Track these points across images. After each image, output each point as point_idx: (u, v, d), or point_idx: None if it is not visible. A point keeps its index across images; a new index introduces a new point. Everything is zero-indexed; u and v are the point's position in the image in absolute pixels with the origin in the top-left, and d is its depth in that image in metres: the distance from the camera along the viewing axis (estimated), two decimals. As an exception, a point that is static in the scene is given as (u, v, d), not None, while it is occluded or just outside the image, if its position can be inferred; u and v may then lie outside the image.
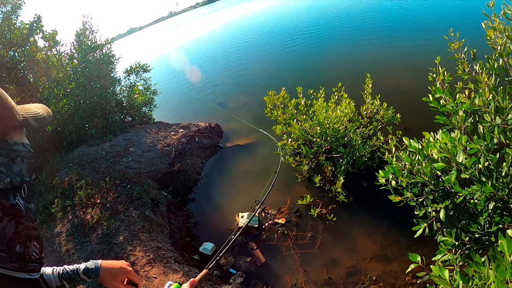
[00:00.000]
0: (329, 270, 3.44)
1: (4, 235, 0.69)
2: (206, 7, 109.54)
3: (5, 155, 0.70)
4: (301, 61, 10.74)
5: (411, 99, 5.58)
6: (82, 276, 1.12)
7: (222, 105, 9.12)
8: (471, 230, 1.97)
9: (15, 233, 0.71)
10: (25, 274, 0.75)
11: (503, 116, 1.90)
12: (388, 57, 8.52)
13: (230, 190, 5.35)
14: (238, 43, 17.06)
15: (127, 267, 1.16)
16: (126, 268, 1.16)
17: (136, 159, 5.91)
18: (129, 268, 1.17)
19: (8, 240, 0.70)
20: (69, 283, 1.11)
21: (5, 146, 0.70)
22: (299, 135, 4.72)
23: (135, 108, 8.05)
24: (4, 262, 0.69)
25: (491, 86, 2.03)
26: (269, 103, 5.04)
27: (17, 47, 6.69)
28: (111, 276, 1.13)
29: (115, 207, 4.58)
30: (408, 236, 3.39)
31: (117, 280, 1.13)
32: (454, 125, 2.10)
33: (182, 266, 3.55)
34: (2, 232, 0.68)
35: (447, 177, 1.81)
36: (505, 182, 1.84)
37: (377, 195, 3.69)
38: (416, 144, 2.09)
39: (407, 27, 10.92)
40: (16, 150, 0.72)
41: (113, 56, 7.84)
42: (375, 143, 4.34)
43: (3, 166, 0.69)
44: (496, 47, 2.08)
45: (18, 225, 0.72)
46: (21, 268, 0.73)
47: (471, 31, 4.16)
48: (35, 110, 0.82)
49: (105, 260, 1.17)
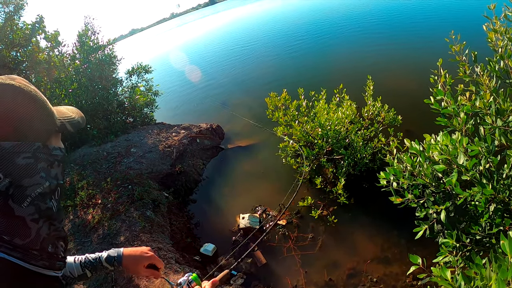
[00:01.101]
0: (329, 272, 3.44)
1: (39, 236, 0.73)
2: (207, 8, 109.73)
3: (45, 160, 0.73)
4: (303, 63, 10.74)
5: (412, 101, 5.58)
6: (105, 264, 1.14)
7: (224, 105, 9.14)
8: (472, 232, 1.97)
9: (48, 234, 0.75)
10: (53, 272, 0.78)
11: (504, 118, 1.90)
12: (390, 59, 8.53)
13: (231, 191, 5.35)
14: (239, 45, 17.10)
15: (148, 252, 1.20)
16: (147, 253, 1.19)
17: (138, 160, 5.92)
18: (150, 253, 1.20)
19: (42, 241, 0.74)
20: (91, 271, 1.13)
21: (46, 151, 0.73)
22: (300, 137, 4.72)
23: (137, 109, 8.06)
24: (36, 260, 0.73)
25: (492, 88, 2.03)
26: (270, 104, 5.04)
27: (19, 47, 6.72)
28: (134, 263, 1.16)
29: (116, 207, 4.59)
30: (409, 238, 3.39)
31: (140, 266, 1.16)
32: (455, 127, 2.10)
33: (183, 267, 3.56)
34: (37, 233, 0.72)
35: (448, 179, 1.82)
36: (506, 184, 1.84)
37: (378, 197, 3.68)
38: (417, 146, 2.09)
39: (408, 29, 10.91)
40: (55, 155, 0.76)
41: (115, 57, 7.86)
42: (377, 145, 4.34)
43: (44, 171, 0.72)
44: (497, 49, 2.09)
45: (51, 227, 0.76)
46: (50, 266, 0.76)
47: (472, 34, 4.16)
48: (70, 114, 0.85)
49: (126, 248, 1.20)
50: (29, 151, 0.69)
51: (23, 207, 0.68)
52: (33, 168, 0.70)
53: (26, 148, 0.68)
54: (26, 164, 0.68)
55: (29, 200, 0.69)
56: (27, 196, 0.69)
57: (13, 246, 0.69)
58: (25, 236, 0.70)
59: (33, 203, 0.70)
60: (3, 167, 0.65)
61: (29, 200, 0.69)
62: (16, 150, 0.67)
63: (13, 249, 0.69)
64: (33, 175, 0.70)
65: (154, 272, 1.21)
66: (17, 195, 0.67)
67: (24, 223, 0.69)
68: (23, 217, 0.69)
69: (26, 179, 0.68)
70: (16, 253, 0.69)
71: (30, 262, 0.71)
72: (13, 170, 0.66)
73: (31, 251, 0.71)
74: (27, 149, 0.68)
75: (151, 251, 1.21)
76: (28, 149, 0.69)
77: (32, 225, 0.71)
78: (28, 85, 0.74)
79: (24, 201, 0.68)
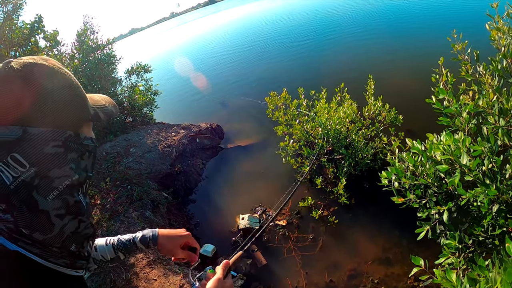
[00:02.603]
0: (330, 273, 3.41)
1: (62, 234, 0.67)
2: (207, 8, 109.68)
3: (76, 151, 0.68)
4: (302, 63, 10.72)
5: (413, 101, 5.55)
6: (139, 245, 1.11)
7: (223, 104, 9.12)
8: (475, 233, 1.95)
9: (74, 232, 0.69)
10: (73, 271, 0.72)
11: (507, 118, 1.88)
12: (391, 58, 8.50)
13: (230, 191, 5.32)
14: (238, 45, 17.07)
15: (184, 232, 1.16)
16: (183, 233, 1.15)
17: (137, 160, 5.89)
18: (186, 232, 1.16)
19: (65, 239, 0.68)
20: (124, 253, 1.09)
21: (77, 141, 0.68)
22: (300, 136, 4.69)
23: (136, 109, 8.04)
24: (55, 257, 0.68)
25: (495, 87, 2.01)
26: (270, 104, 5.02)
27: (18, 47, 6.68)
28: (170, 242, 1.12)
29: (115, 208, 4.56)
30: (410, 239, 3.37)
31: (176, 246, 1.12)
32: (458, 126, 2.08)
33: (182, 268, 3.53)
34: (61, 230, 0.66)
35: (450, 179, 1.79)
36: (510, 184, 1.81)
37: (379, 197, 3.67)
38: (419, 145, 2.07)
39: (409, 28, 10.90)
40: (86, 145, 0.70)
41: (114, 57, 7.84)
42: (378, 144, 4.31)
43: (74, 162, 0.67)
44: (500, 48, 2.07)
45: (80, 224, 0.71)
46: (71, 265, 0.71)
47: (474, 33, 4.14)
48: (103, 103, 0.79)
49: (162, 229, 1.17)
50: (60, 139, 0.64)
51: (49, 200, 0.63)
52: (62, 158, 0.64)
53: (56, 136, 0.63)
54: (55, 153, 0.63)
55: (55, 193, 0.64)
56: (54, 189, 0.63)
57: (32, 240, 0.64)
58: (46, 232, 0.64)
59: (60, 196, 0.65)
60: (29, 155, 0.60)
61: (56, 193, 0.64)
62: (45, 137, 0.61)
63: (32, 244, 0.64)
64: (62, 165, 0.64)
65: (191, 254, 1.15)
66: (43, 186, 0.62)
67: (47, 218, 0.64)
68: (47, 211, 0.63)
69: (54, 170, 0.63)
70: (34, 248, 0.64)
71: (48, 260, 0.67)
72: (40, 160, 0.61)
73: (51, 248, 0.66)
74: (58, 137, 0.63)
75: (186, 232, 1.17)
76: (59, 137, 0.64)
77: (56, 221, 0.65)
78: (62, 67, 0.69)
79: (50, 194, 0.63)
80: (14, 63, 0.61)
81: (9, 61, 0.61)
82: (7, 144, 0.58)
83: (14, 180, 0.59)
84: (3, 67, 0.60)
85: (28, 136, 0.59)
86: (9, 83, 0.59)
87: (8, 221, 0.62)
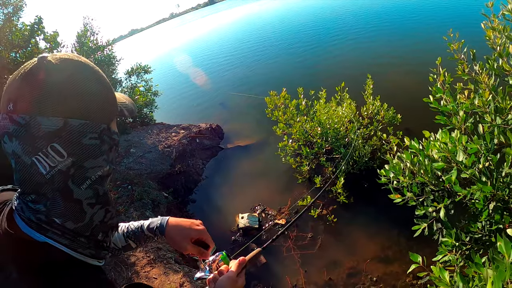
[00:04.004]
0: (329, 271, 3.43)
1: (92, 222, 0.70)
2: (207, 8, 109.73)
3: (108, 143, 0.70)
4: (302, 62, 10.73)
5: (412, 100, 5.57)
6: (147, 233, 1.03)
7: (223, 105, 9.15)
8: (472, 231, 1.97)
9: (101, 221, 0.72)
10: (96, 261, 0.74)
11: (503, 117, 1.89)
12: (389, 58, 8.52)
13: (230, 191, 5.35)
14: (238, 45, 17.09)
15: (199, 226, 1.04)
16: (198, 226, 1.04)
17: (137, 160, 5.92)
18: (201, 227, 1.04)
19: (93, 228, 0.70)
20: (134, 242, 1.05)
21: (108, 134, 0.70)
22: (299, 136, 4.71)
23: (136, 109, 8.05)
24: (83, 248, 0.69)
25: (491, 86, 2.03)
26: (270, 103, 5.04)
27: (18, 48, 6.71)
28: (179, 235, 1.01)
29: (116, 208, 4.59)
30: (409, 237, 3.38)
31: (186, 240, 1.00)
32: (455, 125, 2.09)
33: (183, 267, 3.56)
34: (91, 219, 0.69)
35: (447, 176, 1.81)
36: (506, 182, 1.83)
37: (378, 195, 3.68)
38: (416, 144, 2.09)
39: (407, 27, 10.91)
40: (114, 139, 0.73)
41: (114, 58, 7.87)
42: (376, 143, 4.33)
43: (106, 154, 0.70)
44: (496, 47, 2.08)
45: (107, 214, 0.73)
46: (96, 255, 0.73)
47: (470, 32, 4.16)
48: (123, 100, 0.82)
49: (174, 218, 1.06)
50: (96, 131, 0.66)
51: (82, 190, 0.66)
52: (98, 150, 0.67)
53: (93, 128, 0.66)
54: (92, 145, 0.66)
55: (88, 182, 0.67)
56: (87, 178, 0.66)
57: (62, 231, 0.66)
58: (78, 220, 0.67)
59: (92, 186, 0.68)
60: (68, 145, 0.62)
61: (89, 182, 0.67)
62: (84, 129, 0.64)
63: (61, 235, 0.66)
64: (97, 157, 0.67)
65: (202, 251, 1.03)
66: (78, 176, 0.65)
67: (80, 207, 0.67)
68: (80, 200, 0.66)
69: (90, 161, 0.66)
70: (63, 239, 0.66)
71: (77, 250, 0.68)
72: (78, 150, 0.64)
73: (80, 238, 0.68)
74: (95, 130, 0.66)
75: (202, 225, 1.05)
76: (96, 129, 0.66)
77: (87, 210, 0.68)
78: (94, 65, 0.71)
79: (84, 183, 0.66)
80: (51, 58, 0.63)
81: (45, 56, 0.63)
82: (49, 134, 0.60)
83: (50, 170, 0.61)
84: (41, 61, 0.62)
85: (68, 127, 0.61)
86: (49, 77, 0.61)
87: (39, 211, 0.64)
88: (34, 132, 0.59)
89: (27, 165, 0.61)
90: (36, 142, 0.60)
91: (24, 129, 0.59)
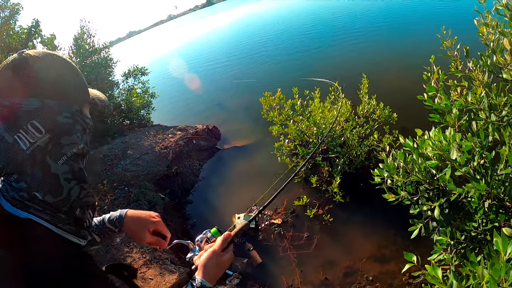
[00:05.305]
0: (325, 271, 3.41)
1: (70, 197, 0.76)
2: (205, 10, 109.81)
3: (81, 124, 0.79)
4: (298, 62, 10.73)
5: (407, 99, 5.52)
6: (108, 225, 1.10)
7: (220, 106, 9.13)
8: (467, 229, 1.95)
9: (78, 197, 0.78)
10: (77, 239, 0.79)
11: (497, 113, 1.88)
12: (384, 57, 8.52)
13: (227, 191, 5.33)
14: (236, 45, 17.09)
15: (155, 218, 1.11)
16: (154, 218, 1.11)
17: (134, 162, 5.90)
18: (157, 219, 1.11)
19: (72, 202, 0.76)
20: (99, 235, 1.10)
21: (81, 116, 0.80)
22: (295, 136, 4.70)
23: (133, 111, 8.05)
24: (63, 223, 0.75)
25: (485, 83, 2.01)
26: (265, 104, 5.02)
27: (15, 51, 6.69)
28: (137, 225, 1.08)
29: (113, 209, 4.55)
30: (405, 236, 3.35)
31: (144, 230, 1.07)
32: (448, 123, 2.08)
33: (178, 267, 3.54)
34: (68, 193, 0.75)
35: (441, 174, 1.79)
36: (501, 179, 1.81)
37: (374, 195, 3.64)
38: (410, 142, 2.07)
39: (400, 26, 10.94)
40: (87, 122, 0.82)
41: (111, 60, 7.86)
42: (372, 142, 4.31)
43: (79, 133, 0.78)
44: (489, 44, 2.07)
45: (81, 191, 0.79)
46: (76, 232, 0.78)
47: (463, 29, 4.14)
48: (98, 95, 0.94)
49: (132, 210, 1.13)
50: (69, 111, 0.76)
51: (59, 165, 0.73)
52: (72, 128, 0.76)
53: (67, 108, 0.75)
54: (66, 123, 0.75)
55: (64, 158, 0.74)
56: (63, 154, 0.74)
57: (43, 207, 0.71)
58: (57, 194, 0.73)
59: (67, 162, 0.75)
60: (46, 122, 0.71)
61: (65, 158, 0.74)
62: (59, 108, 0.74)
63: (42, 210, 0.71)
64: (72, 134, 0.76)
65: (160, 240, 1.10)
66: (55, 151, 0.72)
67: (57, 181, 0.73)
68: (57, 174, 0.73)
69: (65, 137, 0.74)
70: (44, 215, 0.72)
71: (57, 225, 0.74)
72: (54, 127, 0.72)
73: (59, 214, 0.74)
74: (68, 110, 0.76)
75: (159, 217, 1.12)
76: (69, 109, 0.76)
77: (64, 184, 0.74)
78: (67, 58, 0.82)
79: (60, 159, 0.73)
80: (31, 52, 0.73)
81: (24, 51, 0.73)
82: (28, 112, 0.70)
83: (30, 146, 0.69)
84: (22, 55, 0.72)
85: (45, 106, 0.71)
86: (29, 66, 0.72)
87: (21, 189, 0.71)
88: (16, 112, 0.69)
89: (10, 144, 0.69)
90: (17, 120, 0.69)
91: (7, 109, 0.69)
